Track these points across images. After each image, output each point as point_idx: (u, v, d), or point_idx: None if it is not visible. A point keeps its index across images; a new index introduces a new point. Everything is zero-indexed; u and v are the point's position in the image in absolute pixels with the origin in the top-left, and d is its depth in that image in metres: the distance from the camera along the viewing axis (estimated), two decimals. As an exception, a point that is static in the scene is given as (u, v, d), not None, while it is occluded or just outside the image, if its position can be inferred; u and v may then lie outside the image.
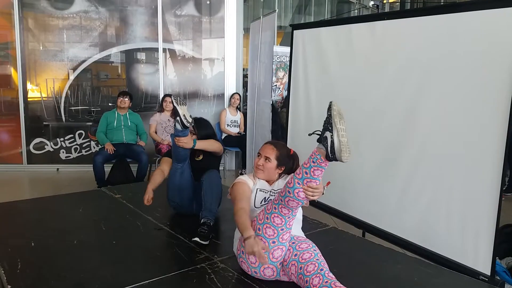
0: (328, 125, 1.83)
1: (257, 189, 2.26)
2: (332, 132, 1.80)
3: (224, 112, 6.03)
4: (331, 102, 1.86)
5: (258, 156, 2.30)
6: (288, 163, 2.32)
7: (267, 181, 2.31)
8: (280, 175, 2.33)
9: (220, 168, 3.32)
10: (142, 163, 4.75)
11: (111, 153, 4.73)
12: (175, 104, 2.58)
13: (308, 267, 1.87)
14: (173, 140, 2.75)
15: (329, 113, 1.84)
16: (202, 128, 2.97)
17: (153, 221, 2.86)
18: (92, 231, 2.70)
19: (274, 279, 2.04)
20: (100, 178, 4.65)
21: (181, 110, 2.58)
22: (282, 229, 1.96)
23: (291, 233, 2.03)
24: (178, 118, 2.59)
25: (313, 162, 1.85)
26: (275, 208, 1.96)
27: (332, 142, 1.78)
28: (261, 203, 2.21)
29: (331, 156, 1.79)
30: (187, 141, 2.70)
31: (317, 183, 1.87)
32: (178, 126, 2.63)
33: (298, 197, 1.87)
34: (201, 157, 2.98)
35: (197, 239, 2.43)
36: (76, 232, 2.63)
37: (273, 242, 1.96)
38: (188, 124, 2.59)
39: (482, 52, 2.29)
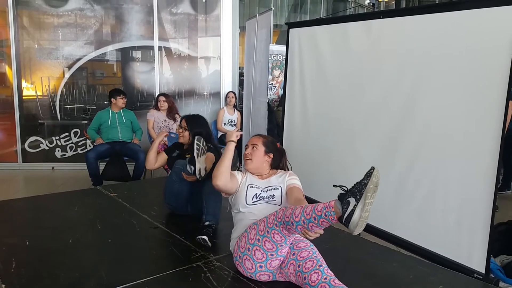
0: (357, 192, 1.68)
1: (248, 185, 2.23)
2: (357, 203, 1.66)
3: (222, 111, 6.02)
4: (373, 168, 1.69)
5: (246, 148, 2.33)
6: (276, 151, 2.34)
7: (259, 175, 2.30)
8: (271, 167, 2.32)
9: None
10: (140, 161, 4.72)
11: (101, 142, 4.74)
12: (195, 153, 2.54)
13: (306, 264, 1.87)
14: (179, 173, 2.76)
15: (365, 181, 1.68)
16: (195, 125, 3.02)
17: (149, 219, 2.85)
18: (88, 230, 2.69)
19: (270, 279, 2.04)
20: (94, 174, 4.62)
21: (199, 163, 2.56)
22: (281, 245, 1.94)
23: None
24: (192, 167, 2.59)
25: (325, 215, 1.73)
26: (276, 225, 1.90)
27: (353, 212, 1.66)
28: (252, 199, 2.18)
29: (344, 222, 1.70)
30: (195, 179, 2.70)
31: (321, 230, 1.83)
32: (189, 169, 2.62)
33: (299, 231, 1.86)
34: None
35: (205, 237, 2.39)
36: (71, 231, 2.62)
37: (271, 255, 1.96)
38: (199, 177, 2.59)
39: (477, 50, 2.30)
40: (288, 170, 2.40)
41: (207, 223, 2.51)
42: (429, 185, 2.58)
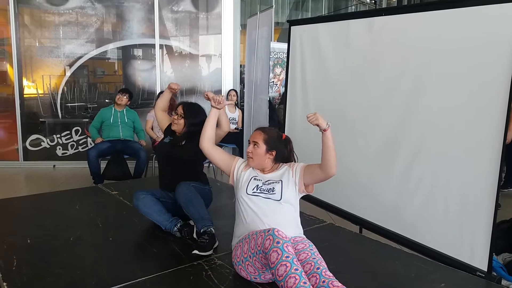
0: None
1: (252, 177, 2.22)
2: None
3: (223, 109, 6.00)
4: None
5: (249, 143, 2.27)
6: (279, 146, 2.25)
7: (261, 170, 2.26)
8: (274, 162, 2.26)
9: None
10: (140, 160, 4.73)
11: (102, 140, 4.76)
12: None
13: (304, 268, 1.85)
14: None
15: None
16: (192, 115, 2.80)
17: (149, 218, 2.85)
18: (89, 228, 2.68)
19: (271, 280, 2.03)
20: (95, 172, 4.62)
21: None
22: (265, 271, 1.96)
23: (287, 235, 2.01)
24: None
25: None
26: (256, 253, 1.91)
27: None
28: (253, 190, 2.17)
29: None
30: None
31: None
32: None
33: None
34: (184, 143, 2.78)
35: (196, 251, 2.27)
36: (72, 229, 2.62)
37: (263, 272, 1.97)
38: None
39: (480, 47, 2.28)
40: (295, 161, 2.32)
41: (202, 230, 2.43)
42: (431, 182, 2.57)
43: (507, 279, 2.62)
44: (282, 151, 2.27)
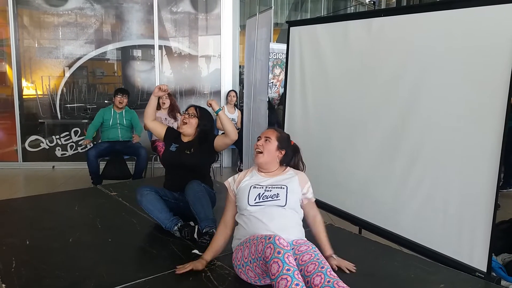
0: None
1: (251, 186, 2.17)
2: None
3: (222, 110, 6.00)
4: None
5: (258, 139, 2.25)
6: (288, 148, 2.27)
7: (265, 171, 2.24)
8: (280, 164, 2.25)
9: (216, 165, 3.27)
10: (141, 158, 4.71)
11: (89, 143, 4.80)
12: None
13: (308, 268, 1.84)
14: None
15: None
16: (205, 116, 2.94)
17: (149, 219, 2.84)
18: (88, 229, 2.68)
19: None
20: (95, 172, 4.62)
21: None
22: (265, 276, 1.94)
23: (290, 238, 2.01)
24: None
25: None
26: (257, 260, 1.89)
27: None
28: (255, 200, 2.12)
29: None
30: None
31: None
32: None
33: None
34: (192, 151, 2.83)
35: (196, 251, 2.28)
36: (71, 230, 2.62)
37: (263, 277, 1.96)
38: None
39: (479, 48, 2.29)
40: (302, 169, 2.32)
41: (204, 230, 2.44)
42: (430, 183, 2.57)
43: (506, 279, 2.63)
44: (290, 155, 2.29)
